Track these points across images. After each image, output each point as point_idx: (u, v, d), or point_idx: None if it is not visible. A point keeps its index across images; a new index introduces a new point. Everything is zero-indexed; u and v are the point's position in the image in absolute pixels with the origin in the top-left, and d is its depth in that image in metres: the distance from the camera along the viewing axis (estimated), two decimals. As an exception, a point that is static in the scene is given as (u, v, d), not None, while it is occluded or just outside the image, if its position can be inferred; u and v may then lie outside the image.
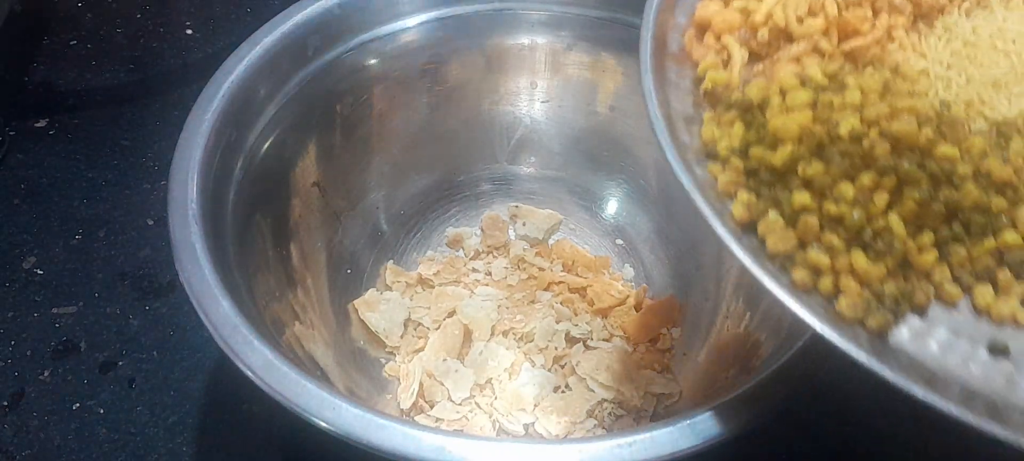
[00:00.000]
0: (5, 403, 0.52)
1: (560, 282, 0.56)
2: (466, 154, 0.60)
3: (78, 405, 0.52)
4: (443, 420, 0.49)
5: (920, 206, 0.32)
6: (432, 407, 0.49)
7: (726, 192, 0.33)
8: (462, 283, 0.56)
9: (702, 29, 0.38)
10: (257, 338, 0.37)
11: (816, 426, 0.52)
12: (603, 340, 0.53)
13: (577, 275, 0.57)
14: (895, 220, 0.32)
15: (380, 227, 0.59)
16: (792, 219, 0.32)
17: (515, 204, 0.61)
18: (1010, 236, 0.32)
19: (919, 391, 0.28)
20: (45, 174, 0.65)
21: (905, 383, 0.28)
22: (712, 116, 0.35)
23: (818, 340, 0.30)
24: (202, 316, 0.38)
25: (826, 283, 0.31)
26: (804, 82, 0.35)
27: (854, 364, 0.29)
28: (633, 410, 0.50)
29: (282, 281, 0.49)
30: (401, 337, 0.53)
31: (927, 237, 0.32)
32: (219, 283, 0.38)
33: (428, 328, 0.54)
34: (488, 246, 0.59)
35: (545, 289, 0.56)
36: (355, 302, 0.54)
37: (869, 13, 0.37)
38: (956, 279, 0.32)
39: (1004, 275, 0.32)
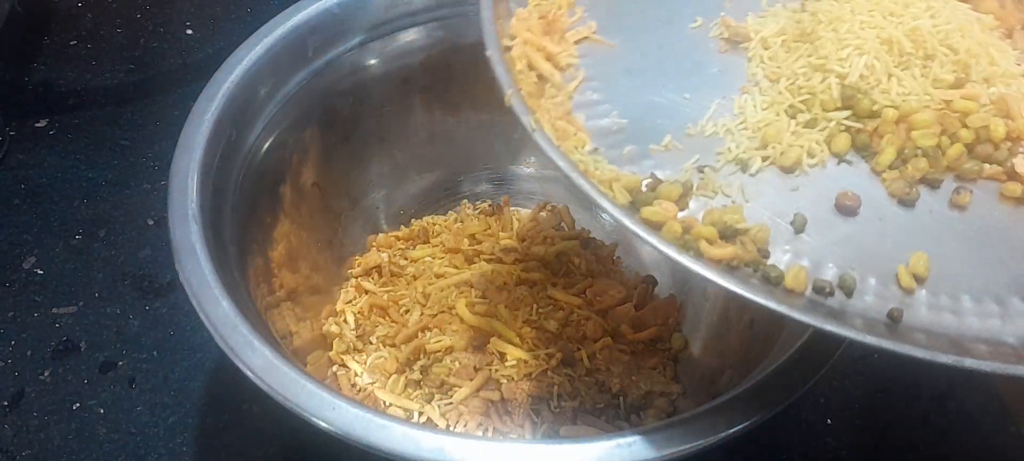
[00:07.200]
0: (5, 403, 0.52)
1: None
2: (466, 154, 0.60)
3: (78, 405, 0.52)
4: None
5: None
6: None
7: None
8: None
9: None
10: (257, 338, 0.37)
11: (815, 426, 0.52)
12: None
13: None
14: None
15: (380, 227, 0.59)
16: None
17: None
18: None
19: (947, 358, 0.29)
20: (45, 174, 0.65)
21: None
22: None
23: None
24: (202, 316, 0.38)
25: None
26: None
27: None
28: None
29: (282, 281, 0.49)
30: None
31: None
32: (219, 283, 0.38)
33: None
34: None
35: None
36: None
37: None
38: None
39: None
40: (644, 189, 0.34)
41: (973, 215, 0.34)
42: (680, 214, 0.33)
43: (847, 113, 0.36)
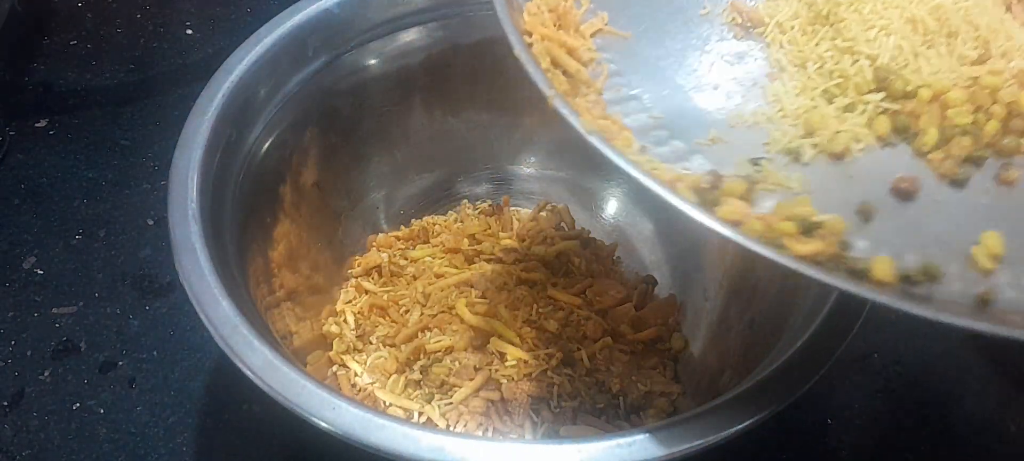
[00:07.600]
0: (5, 403, 0.52)
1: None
2: (466, 154, 0.60)
3: (78, 405, 0.52)
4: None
5: None
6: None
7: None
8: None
9: None
10: (257, 338, 0.37)
11: (815, 426, 0.52)
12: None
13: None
14: None
15: (380, 227, 0.59)
16: None
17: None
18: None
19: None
20: (45, 174, 0.65)
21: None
22: None
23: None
24: (202, 316, 0.38)
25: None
26: None
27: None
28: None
29: (282, 281, 0.49)
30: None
31: None
32: (219, 283, 0.38)
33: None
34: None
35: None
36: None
37: None
38: None
39: None
40: (706, 186, 0.32)
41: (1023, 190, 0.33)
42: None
43: (882, 95, 0.35)
